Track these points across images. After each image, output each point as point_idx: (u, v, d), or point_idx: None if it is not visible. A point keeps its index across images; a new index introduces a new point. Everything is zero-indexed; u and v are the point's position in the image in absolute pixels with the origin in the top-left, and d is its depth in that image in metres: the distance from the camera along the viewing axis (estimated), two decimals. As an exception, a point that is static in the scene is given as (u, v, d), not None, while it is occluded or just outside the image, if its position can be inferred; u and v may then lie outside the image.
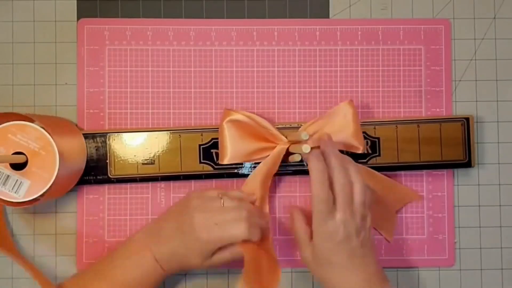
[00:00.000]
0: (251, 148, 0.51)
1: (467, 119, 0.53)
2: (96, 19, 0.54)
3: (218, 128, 0.52)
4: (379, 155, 0.53)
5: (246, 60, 0.55)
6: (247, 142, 0.51)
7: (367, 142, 0.53)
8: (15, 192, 0.47)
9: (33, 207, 0.53)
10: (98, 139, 0.52)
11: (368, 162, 0.53)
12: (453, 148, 0.52)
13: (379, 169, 0.52)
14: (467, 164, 0.53)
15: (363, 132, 0.52)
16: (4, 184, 0.47)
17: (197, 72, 0.55)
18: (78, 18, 0.54)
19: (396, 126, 0.53)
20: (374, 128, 0.53)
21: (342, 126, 0.51)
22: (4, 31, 0.54)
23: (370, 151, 0.53)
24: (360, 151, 0.51)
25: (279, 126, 0.53)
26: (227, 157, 0.51)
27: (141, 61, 0.54)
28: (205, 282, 0.54)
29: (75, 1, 0.55)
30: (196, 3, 0.55)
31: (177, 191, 0.54)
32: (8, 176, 0.47)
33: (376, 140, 0.53)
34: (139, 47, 0.54)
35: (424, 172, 0.54)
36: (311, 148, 0.46)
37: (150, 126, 0.54)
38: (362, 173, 0.48)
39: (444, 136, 0.52)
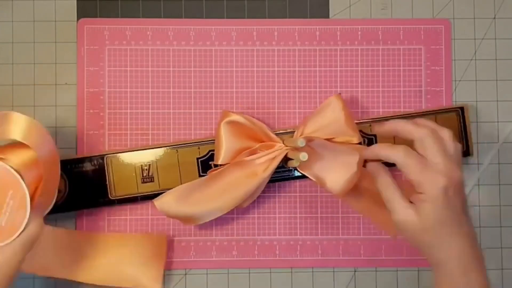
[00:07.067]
0: (245, 147, 0.50)
1: (462, 108, 0.53)
2: (96, 19, 0.54)
3: (214, 140, 0.51)
4: None
5: (246, 60, 0.55)
6: (242, 142, 0.50)
7: (363, 140, 0.53)
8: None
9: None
10: (95, 161, 0.52)
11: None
12: None
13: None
14: (466, 153, 0.53)
15: (359, 131, 0.52)
16: None
17: (197, 72, 0.55)
18: (78, 18, 0.54)
19: None
20: (370, 125, 0.53)
21: (333, 117, 0.50)
22: (4, 31, 0.54)
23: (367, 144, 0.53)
24: (355, 141, 0.50)
25: (278, 132, 0.52)
26: (221, 156, 0.50)
27: (141, 61, 0.54)
28: (205, 281, 0.54)
29: (75, 1, 0.55)
30: (196, 3, 0.55)
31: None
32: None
33: (373, 137, 0.53)
34: (139, 47, 0.54)
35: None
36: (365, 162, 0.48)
37: (150, 126, 0.54)
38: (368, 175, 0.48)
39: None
